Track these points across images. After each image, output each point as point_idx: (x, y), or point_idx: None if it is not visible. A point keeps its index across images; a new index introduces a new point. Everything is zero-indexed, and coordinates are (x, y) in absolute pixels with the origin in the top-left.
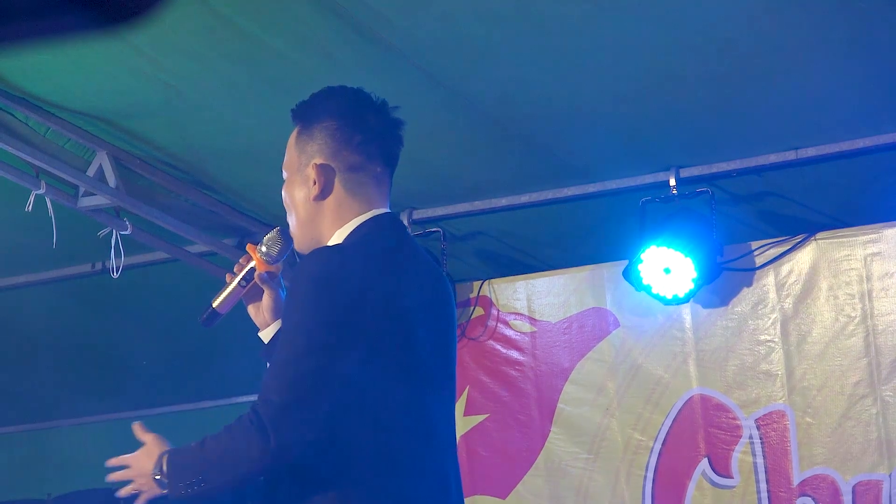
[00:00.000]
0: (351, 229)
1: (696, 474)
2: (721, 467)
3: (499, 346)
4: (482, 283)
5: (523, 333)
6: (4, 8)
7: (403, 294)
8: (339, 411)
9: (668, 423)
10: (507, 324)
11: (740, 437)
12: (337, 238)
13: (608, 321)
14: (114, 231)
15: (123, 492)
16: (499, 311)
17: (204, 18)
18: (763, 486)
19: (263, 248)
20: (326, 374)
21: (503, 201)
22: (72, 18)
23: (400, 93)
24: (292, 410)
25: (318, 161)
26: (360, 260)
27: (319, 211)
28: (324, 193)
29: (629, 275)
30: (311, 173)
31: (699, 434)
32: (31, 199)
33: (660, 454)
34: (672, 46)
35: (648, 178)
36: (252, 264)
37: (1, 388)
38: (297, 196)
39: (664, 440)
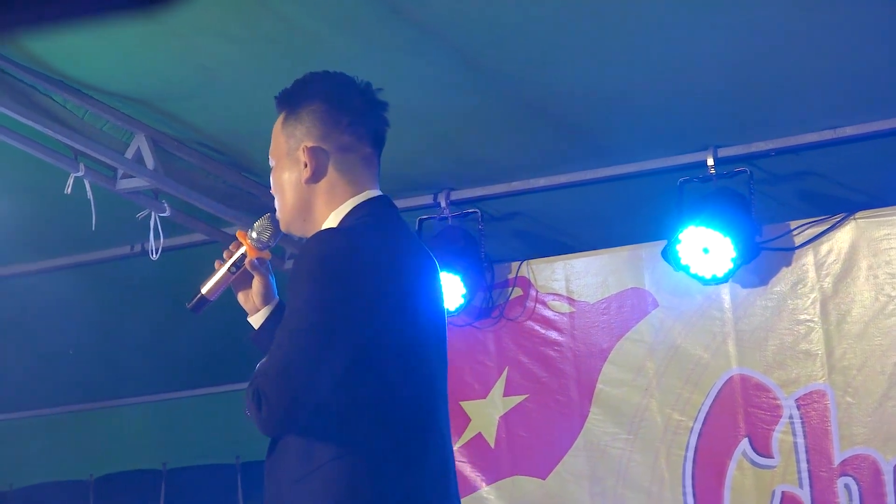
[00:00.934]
0: (346, 210)
1: (737, 454)
2: (762, 447)
3: (537, 327)
4: (520, 264)
5: (562, 314)
6: None
7: (406, 277)
8: (342, 388)
9: (708, 403)
10: (545, 304)
11: (780, 416)
12: (332, 220)
13: (647, 301)
14: (152, 213)
15: None
16: (537, 291)
17: (240, 0)
18: (804, 465)
19: (254, 235)
20: (327, 352)
21: (541, 182)
22: (109, 0)
23: (437, 74)
24: (286, 382)
25: (309, 144)
26: (366, 242)
27: (312, 193)
28: (316, 176)
29: (668, 255)
30: (302, 156)
31: (739, 414)
32: (70, 181)
33: (700, 434)
34: (708, 25)
35: (686, 158)
36: (242, 250)
37: (43, 370)
38: (287, 180)
39: (704, 420)
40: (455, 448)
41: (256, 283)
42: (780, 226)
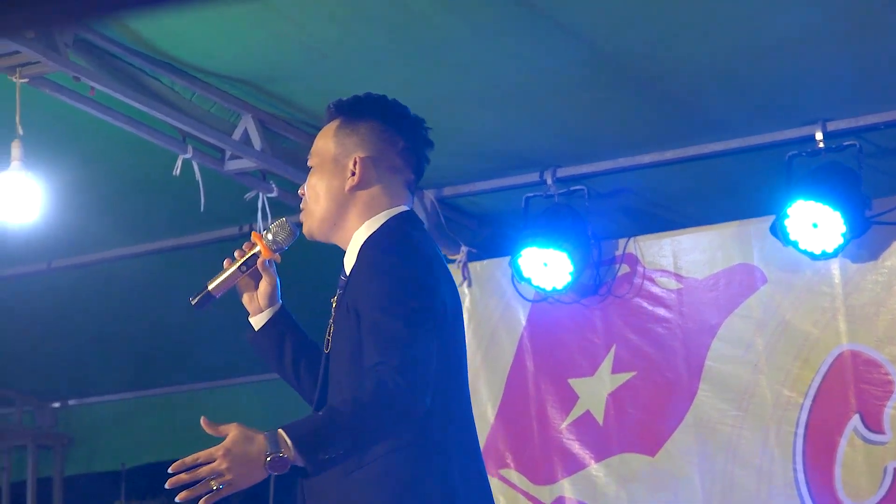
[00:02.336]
0: (382, 221)
1: (848, 430)
2: (873, 423)
3: (645, 304)
4: (627, 241)
5: (670, 290)
6: None
7: (444, 284)
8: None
9: (818, 379)
10: (653, 281)
11: (892, 392)
12: (366, 229)
13: (755, 277)
14: (260, 194)
15: (187, 496)
16: (645, 268)
17: None
18: None
19: (270, 236)
20: (427, 347)
21: (647, 158)
22: None
23: (543, 51)
24: (419, 376)
25: (361, 155)
26: (421, 250)
27: (350, 202)
28: (360, 186)
29: (776, 230)
30: (350, 165)
31: (850, 390)
32: (179, 163)
33: (810, 410)
34: None
35: (794, 133)
36: (256, 250)
37: (154, 350)
38: (327, 183)
39: (814, 396)
40: (563, 426)
41: (265, 284)
42: (891, 199)
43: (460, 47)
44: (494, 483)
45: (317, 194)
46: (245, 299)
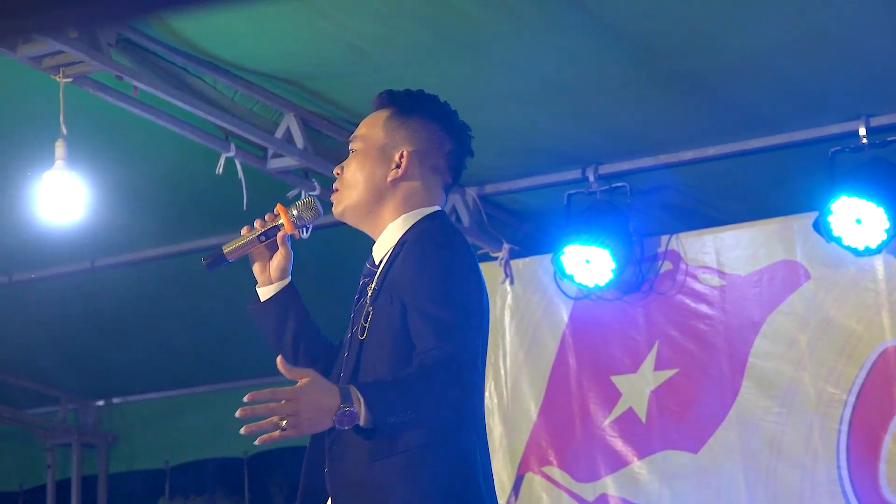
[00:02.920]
0: (419, 217)
1: (892, 427)
2: None
3: (688, 301)
4: (670, 238)
5: (712, 287)
6: None
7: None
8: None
9: (862, 375)
10: (695, 278)
11: None
12: (402, 222)
13: (798, 273)
14: (302, 192)
15: (262, 439)
16: (687, 265)
17: None
18: None
19: (295, 212)
20: (474, 342)
21: (689, 155)
22: None
23: (584, 48)
24: (470, 366)
25: (409, 149)
26: (469, 249)
27: (389, 192)
28: (403, 179)
29: (819, 226)
30: (397, 157)
31: (894, 386)
32: (222, 161)
33: (854, 407)
34: None
35: (837, 128)
36: (279, 223)
37: (198, 348)
38: (370, 171)
39: (858, 393)
40: (606, 423)
41: (280, 257)
42: None
43: (502, 44)
44: (537, 480)
45: (357, 179)
46: (256, 268)
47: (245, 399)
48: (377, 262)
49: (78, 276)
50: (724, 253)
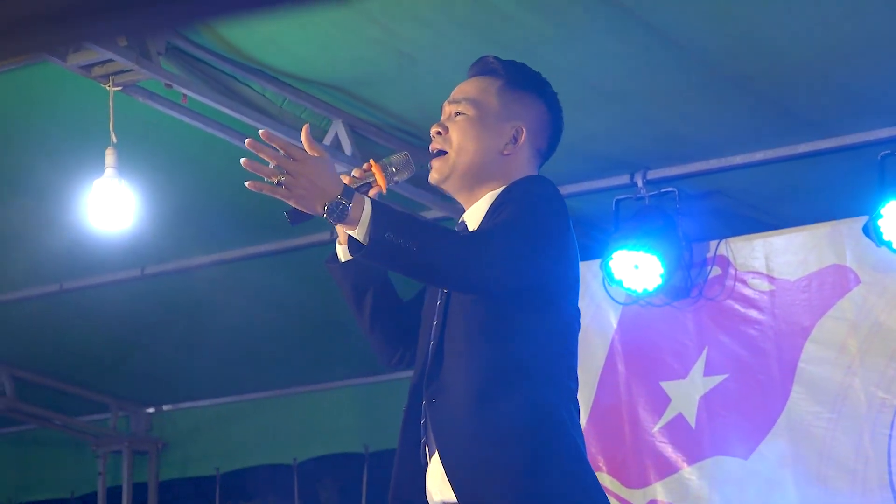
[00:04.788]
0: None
1: None
2: None
3: (737, 306)
4: (719, 243)
5: (762, 292)
6: None
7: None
8: (541, 293)
9: None
10: (745, 283)
11: None
12: (498, 194)
13: (849, 278)
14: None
15: (253, 184)
16: (736, 270)
17: None
18: None
19: (393, 169)
20: (543, 258)
21: (738, 159)
22: None
23: (632, 52)
24: (513, 259)
25: (525, 125)
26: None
27: (498, 163)
28: (512, 154)
29: (869, 231)
30: (511, 131)
31: None
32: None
33: None
34: None
35: (886, 132)
36: (370, 178)
37: (247, 355)
38: (484, 139)
39: None
40: (656, 429)
41: None
42: None
43: (549, 48)
44: None
45: (468, 145)
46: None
47: (260, 133)
48: (468, 229)
49: (128, 284)
50: (773, 258)
